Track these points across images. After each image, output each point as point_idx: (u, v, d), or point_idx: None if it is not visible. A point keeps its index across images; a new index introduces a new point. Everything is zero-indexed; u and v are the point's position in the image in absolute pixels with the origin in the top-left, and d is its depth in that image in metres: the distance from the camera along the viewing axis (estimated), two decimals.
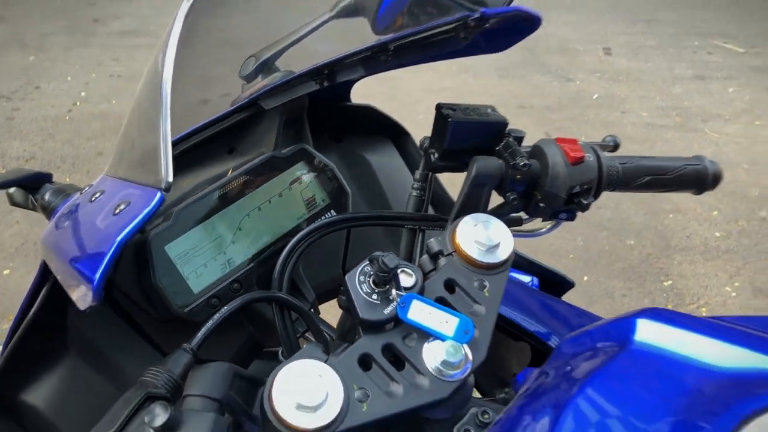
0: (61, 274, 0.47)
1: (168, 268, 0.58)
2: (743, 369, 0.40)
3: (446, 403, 0.50)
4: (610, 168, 0.62)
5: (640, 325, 0.44)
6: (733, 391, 0.39)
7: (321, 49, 0.63)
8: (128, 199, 0.41)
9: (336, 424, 0.45)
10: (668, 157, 0.65)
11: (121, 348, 0.57)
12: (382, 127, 0.77)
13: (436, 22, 0.62)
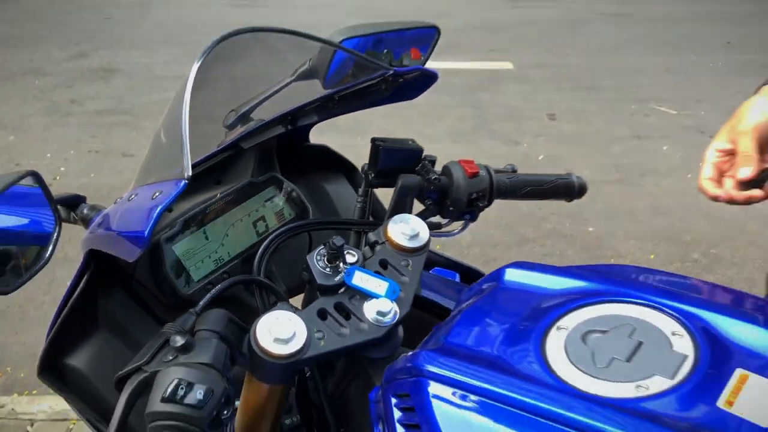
0: (107, 245, 0.67)
1: (174, 262, 0.78)
2: (566, 288, 0.62)
3: (381, 344, 0.70)
4: (499, 181, 0.84)
5: (507, 271, 0.66)
6: (558, 301, 0.60)
7: (285, 102, 0.86)
8: (161, 188, 0.61)
9: (302, 352, 0.64)
10: (544, 173, 0.88)
11: (140, 326, 0.76)
12: (335, 161, 0.99)
13: (365, 79, 0.85)
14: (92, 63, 4.95)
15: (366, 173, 0.85)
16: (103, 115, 4.15)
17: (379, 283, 0.71)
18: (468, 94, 4.42)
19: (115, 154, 3.61)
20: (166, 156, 0.68)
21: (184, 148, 0.61)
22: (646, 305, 0.58)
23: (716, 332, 0.54)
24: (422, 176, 0.82)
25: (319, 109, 0.90)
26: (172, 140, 0.65)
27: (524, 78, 4.60)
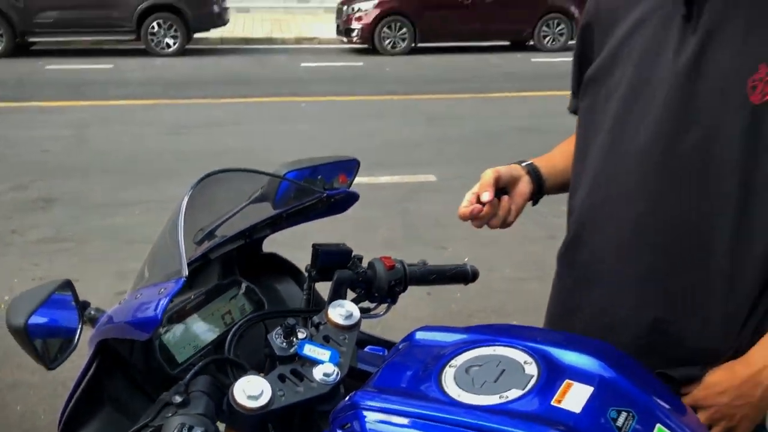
0: (120, 333, 0.88)
1: (164, 348, 0.99)
2: (456, 340, 0.87)
3: (327, 399, 0.93)
4: (411, 271, 1.11)
5: (417, 333, 0.91)
6: (451, 348, 0.85)
7: (243, 221, 1.12)
8: (164, 286, 0.84)
9: (268, 406, 0.87)
10: (446, 264, 1.16)
11: (138, 403, 0.96)
12: (283, 265, 1.25)
13: (306, 200, 1.13)
14: (31, 194, 5.10)
15: (309, 271, 1.11)
16: (45, 243, 4.28)
17: (323, 353, 0.95)
18: (396, 205, 4.78)
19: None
20: (163, 264, 0.92)
21: (182, 255, 0.85)
22: (508, 346, 0.84)
23: (552, 358, 0.80)
24: (353, 271, 1.08)
25: (270, 225, 1.17)
26: (168, 251, 0.88)
27: (447, 188, 5.00)
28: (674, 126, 0.99)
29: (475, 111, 7.80)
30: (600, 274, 1.10)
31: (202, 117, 7.42)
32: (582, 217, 1.13)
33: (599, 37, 1.12)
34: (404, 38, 12.06)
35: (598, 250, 1.10)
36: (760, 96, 0.93)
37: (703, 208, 0.99)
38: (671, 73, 0.99)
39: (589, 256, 1.12)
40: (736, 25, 0.95)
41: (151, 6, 11.42)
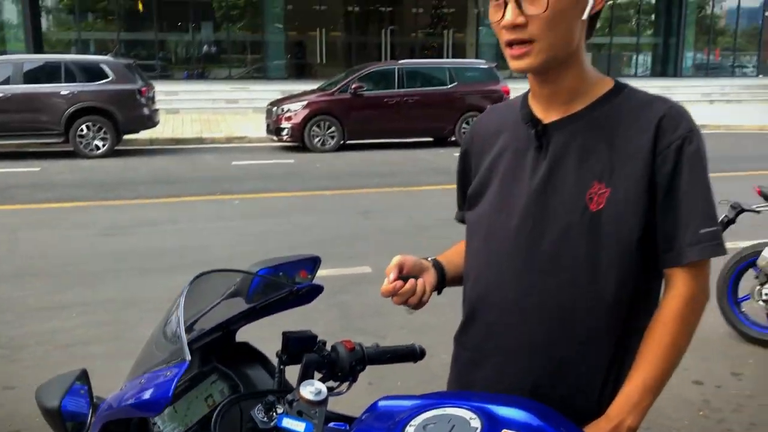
0: (126, 413, 1.02)
1: (157, 429, 1.13)
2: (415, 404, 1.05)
3: None
4: (368, 351, 1.29)
5: (379, 402, 1.08)
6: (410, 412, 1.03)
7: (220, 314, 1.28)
8: (169, 370, 0.99)
9: None
10: (397, 345, 1.34)
11: None
12: (253, 353, 1.40)
13: (276, 294, 1.31)
14: None
15: (280, 356, 1.27)
16: None
17: (299, 425, 1.11)
18: (334, 297, 4.92)
19: None
20: (162, 352, 1.07)
21: (184, 343, 1.00)
22: (456, 407, 1.02)
23: (492, 413, 0.99)
24: (318, 354, 1.25)
25: (245, 317, 1.33)
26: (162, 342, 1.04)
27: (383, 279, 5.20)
28: (534, 230, 1.26)
29: (405, 204, 8.14)
30: (488, 351, 1.35)
31: (136, 217, 7.47)
32: (472, 304, 1.39)
33: (474, 162, 1.42)
34: (333, 136, 12.52)
35: (485, 331, 1.35)
36: (596, 205, 1.22)
37: (561, 293, 1.25)
38: (527, 192, 1.27)
39: (479, 337, 1.37)
40: (574, 153, 1.24)
41: (80, 109, 11.52)
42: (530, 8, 1.15)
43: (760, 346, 4.16)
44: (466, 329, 1.41)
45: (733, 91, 23.14)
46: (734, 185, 8.26)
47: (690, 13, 28.30)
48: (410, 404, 1.05)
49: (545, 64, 1.20)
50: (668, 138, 1.20)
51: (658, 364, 1.21)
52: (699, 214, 1.20)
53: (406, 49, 26.71)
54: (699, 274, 1.25)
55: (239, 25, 25.51)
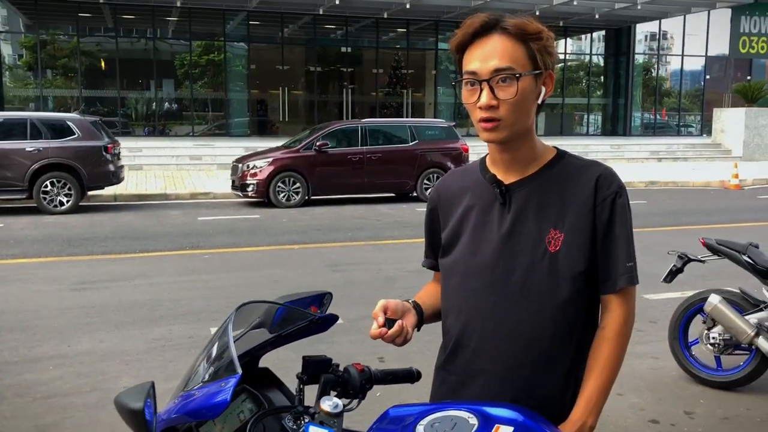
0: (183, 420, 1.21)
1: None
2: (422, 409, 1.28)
3: None
4: (375, 373, 1.51)
5: (390, 410, 1.31)
6: (416, 417, 1.25)
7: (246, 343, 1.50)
8: (225, 381, 1.20)
9: None
10: (398, 367, 1.57)
11: None
12: (272, 377, 1.61)
13: (298, 323, 1.53)
14: None
15: (300, 377, 1.49)
16: None
17: (322, 431, 1.32)
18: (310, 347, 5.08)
19: None
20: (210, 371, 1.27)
21: (234, 358, 1.21)
22: (457, 410, 1.25)
23: (486, 413, 1.22)
24: (334, 375, 1.47)
25: (272, 343, 1.55)
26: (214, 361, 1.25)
27: (354, 329, 5.39)
28: (505, 269, 1.55)
29: (372, 257, 8.38)
30: (474, 372, 1.61)
31: (106, 272, 7.53)
32: (456, 335, 1.65)
33: (443, 217, 1.70)
34: (298, 192, 12.78)
35: (470, 356, 1.61)
36: (554, 247, 1.53)
37: (529, 322, 1.54)
38: (497, 238, 1.56)
39: (465, 362, 1.63)
40: (533, 206, 1.55)
41: (45, 165, 11.58)
42: (501, 93, 1.48)
43: (709, 386, 4.45)
44: (452, 357, 1.66)
45: (680, 149, 24.25)
46: (682, 238, 8.74)
47: (637, 75, 29.77)
48: (417, 410, 1.28)
49: (509, 137, 1.52)
50: (604, 193, 1.54)
51: (607, 372, 1.54)
52: (625, 252, 1.55)
53: (366, 108, 27.40)
54: (629, 298, 1.59)
55: (201, 83, 25.88)
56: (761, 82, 24.65)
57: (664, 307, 5.90)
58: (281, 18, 25.03)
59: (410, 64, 27.93)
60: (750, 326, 4.19)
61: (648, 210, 12.59)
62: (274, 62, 26.19)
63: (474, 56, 1.49)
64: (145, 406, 1.15)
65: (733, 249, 4.35)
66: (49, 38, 24.33)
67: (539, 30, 1.49)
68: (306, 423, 1.30)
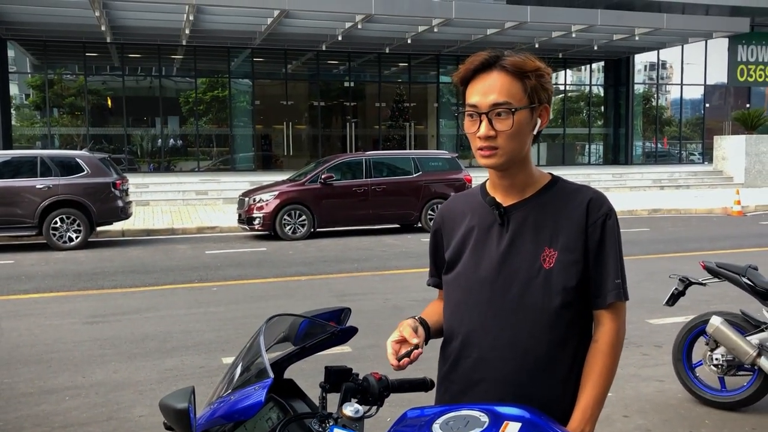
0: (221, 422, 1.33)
1: None
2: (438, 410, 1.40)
3: None
4: (392, 382, 1.63)
5: (407, 412, 1.42)
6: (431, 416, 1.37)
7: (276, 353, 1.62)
8: (259, 385, 1.31)
9: None
10: (413, 377, 1.69)
11: None
12: (296, 388, 1.73)
13: (322, 335, 1.65)
14: None
15: (323, 386, 1.61)
16: None
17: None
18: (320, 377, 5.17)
19: None
20: (244, 377, 1.39)
21: (266, 364, 1.33)
22: (470, 410, 1.37)
23: (496, 412, 1.34)
24: (354, 383, 1.59)
25: (294, 357, 1.67)
26: (247, 368, 1.37)
27: (362, 357, 5.49)
28: (504, 284, 1.68)
29: (378, 287, 8.49)
30: (475, 381, 1.70)
31: (117, 305, 7.65)
32: (458, 346, 1.77)
33: (446, 238, 1.84)
34: (304, 224, 12.93)
35: (472, 366, 1.73)
36: (548, 264, 1.66)
37: (526, 333, 1.66)
38: (496, 256, 1.70)
39: (467, 371, 1.74)
40: (529, 227, 1.69)
41: (54, 202, 11.77)
42: (499, 125, 1.63)
43: (714, 407, 4.52)
44: (454, 367, 1.78)
45: (681, 177, 24.42)
46: (685, 264, 8.84)
47: (637, 104, 30.10)
48: (432, 411, 1.39)
49: (505, 164, 1.67)
50: (595, 215, 1.68)
51: (602, 383, 1.67)
52: (614, 270, 1.68)
53: (369, 141, 27.70)
54: (620, 313, 1.71)
55: (206, 119, 26.24)
56: (760, 110, 24.91)
57: (669, 331, 5.98)
58: (285, 54, 25.48)
59: (412, 97, 28.30)
60: (752, 347, 4.28)
61: (651, 237, 12.69)
62: (278, 98, 26.59)
63: (475, 90, 1.65)
64: (189, 407, 1.26)
65: (733, 272, 4.46)
66: (56, 77, 24.77)
67: (536, 68, 1.65)
68: (331, 426, 1.42)
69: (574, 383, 1.68)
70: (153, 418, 4.44)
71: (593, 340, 1.70)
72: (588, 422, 1.63)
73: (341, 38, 21.48)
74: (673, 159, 30.70)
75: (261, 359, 1.36)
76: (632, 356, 5.51)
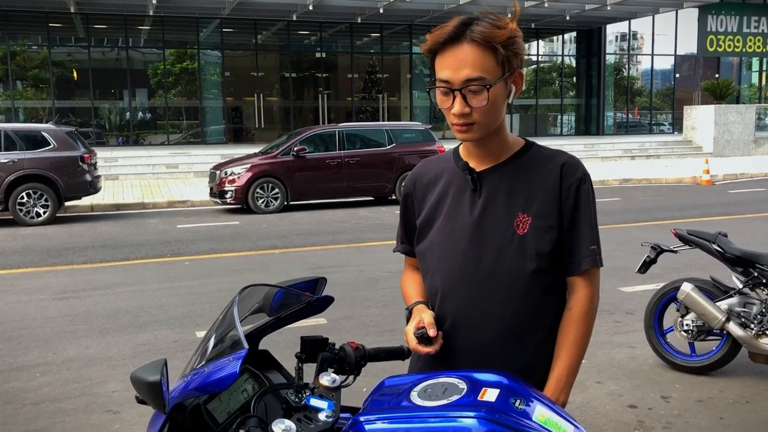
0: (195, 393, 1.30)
1: (208, 413, 1.41)
2: (416, 378, 1.38)
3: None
4: (368, 350, 1.61)
5: (385, 380, 1.41)
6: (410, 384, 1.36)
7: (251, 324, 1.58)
8: (233, 356, 1.28)
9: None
10: (390, 346, 1.67)
11: None
12: (271, 358, 1.70)
13: (297, 305, 1.62)
14: None
15: (299, 356, 1.58)
16: None
17: (323, 403, 1.41)
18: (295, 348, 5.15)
19: None
20: (219, 349, 1.36)
21: (241, 335, 1.30)
22: (447, 376, 1.35)
23: (474, 378, 1.33)
24: (330, 353, 1.56)
25: (271, 326, 1.64)
26: (221, 339, 1.34)
27: (338, 329, 5.48)
28: (475, 253, 1.65)
29: (353, 259, 8.47)
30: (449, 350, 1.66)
31: (88, 281, 7.54)
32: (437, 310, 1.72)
33: (417, 204, 1.80)
34: (277, 197, 12.84)
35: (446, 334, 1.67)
36: (522, 230, 1.63)
37: (500, 300, 1.64)
38: (469, 222, 1.66)
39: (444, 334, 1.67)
40: (503, 192, 1.66)
41: (20, 177, 11.51)
42: (474, 101, 1.57)
43: (684, 372, 4.61)
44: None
45: (652, 147, 24.68)
46: (656, 233, 8.95)
47: (608, 75, 30.24)
48: (410, 379, 1.38)
49: (481, 136, 1.63)
50: (569, 180, 1.65)
51: (575, 352, 1.66)
52: (589, 236, 1.66)
53: (342, 113, 27.51)
54: (594, 280, 1.70)
55: (175, 92, 25.80)
56: (729, 80, 25.20)
57: (640, 298, 6.07)
58: (255, 25, 25.07)
59: (385, 69, 28.10)
60: (721, 312, 4.35)
61: (622, 207, 12.83)
62: (248, 69, 26.21)
63: (446, 63, 1.56)
64: (161, 379, 1.23)
65: (704, 239, 4.52)
66: (18, 49, 24.10)
67: (507, 37, 1.55)
68: (307, 396, 1.40)
69: (550, 351, 1.67)
70: (126, 393, 4.40)
71: (567, 308, 1.68)
72: (563, 391, 1.62)
73: (312, 8, 21.17)
74: (644, 129, 31.01)
75: (235, 330, 1.33)
76: (604, 323, 5.59)
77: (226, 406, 1.46)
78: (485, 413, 1.20)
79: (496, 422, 1.19)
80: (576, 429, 1.29)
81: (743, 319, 4.33)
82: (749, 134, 24.40)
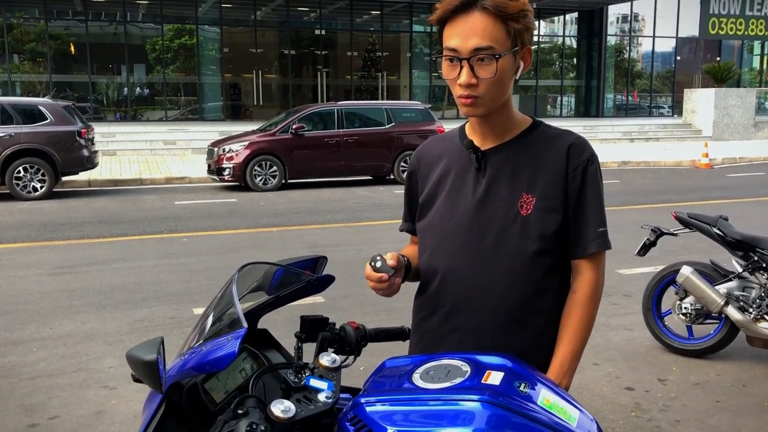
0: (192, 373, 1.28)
1: (206, 393, 1.39)
2: (416, 359, 1.36)
3: (329, 414, 1.36)
4: (368, 330, 1.58)
5: (386, 361, 1.38)
6: (412, 366, 1.33)
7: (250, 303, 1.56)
8: (231, 335, 1.26)
9: (294, 417, 1.29)
10: (389, 326, 1.65)
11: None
12: (270, 338, 1.68)
13: (297, 284, 1.59)
14: None
15: (299, 336, 1.55)
16: None
17: (323, 384, 1.39)
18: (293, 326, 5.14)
19: None
20: (217, 327, 1.34)
21: (240, 314, 1.28)
22: (450, 358, 1.33)
23: (478, 361, 1.31)
24: (331, 333, 1.54)
25: (270, 305, 1.61)
26: (220, 318, 1.31)
27: (336, 307, 5.47)
28: (477, 233, 1.61)
29: (351, 238, 8.45)
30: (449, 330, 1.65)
31: (85, 256, 7.51)
32: (433, 294, 1.70)
33: (421, 182, 1.76)
34: (275, 175, 12.78)
35: (446, 314, 1.66)
36: (525, 210, 1.59)
37: (501, 282, 1.60)
38: (471, 202, 1.62)
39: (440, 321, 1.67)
40: (507, 172, 1.61)
41: (17, 151, 11.43)
42: (481, 72, 1.52)
43: (681, 355, 4.61)
44: (428, 317, 1.72)
45: (651, 130, 24.60)
46: (654, 216, 8.93)
47: (609, 57, 30.04)
48: (412, 360, 1.35)
49: (486, 112, 1.58)
50: (576, 161, 1.60)
51: (579, 336, 1.61)
52: (597, 218, 1.62)
53: (341, 91, 27.33)
54: (599, 263, 1.66)
55: (173, 68, 25.58)
56: (730, 63, 25.07)
57: (638, 281, 6.07)
58: (254, 0, 24.80)
59: (385, 47, 27.87)
60: (720, 296, 4.34)
61: (621, 189, 12.80)
62: (247, 46, 25.98)
63: (455, 32, 1.51)
64: (158, 358, 1.21)
65: (704, 222, 4.49)
66: (15, 22, 23.84)
67: (519, 9, 1.51)
68: (307, 376, 1.37)
69: (552, 335, 1.63)
70: (123, 369, 4.39)
71: (571, 290, 1.64)
72: (566, 375, 1.58)
73: None
74: (644, 112, 30.88)
75: (234, 309, 1.30)
76: (602, 306, 5.52)
77: (224, 385, 1.44)
78: (489, 396, 1.18)
79: (500, 406, 1.17)
80: (581, 413, 1.27)
81: (742, 303, 4.32)
82: (749, 118, 24.31)
